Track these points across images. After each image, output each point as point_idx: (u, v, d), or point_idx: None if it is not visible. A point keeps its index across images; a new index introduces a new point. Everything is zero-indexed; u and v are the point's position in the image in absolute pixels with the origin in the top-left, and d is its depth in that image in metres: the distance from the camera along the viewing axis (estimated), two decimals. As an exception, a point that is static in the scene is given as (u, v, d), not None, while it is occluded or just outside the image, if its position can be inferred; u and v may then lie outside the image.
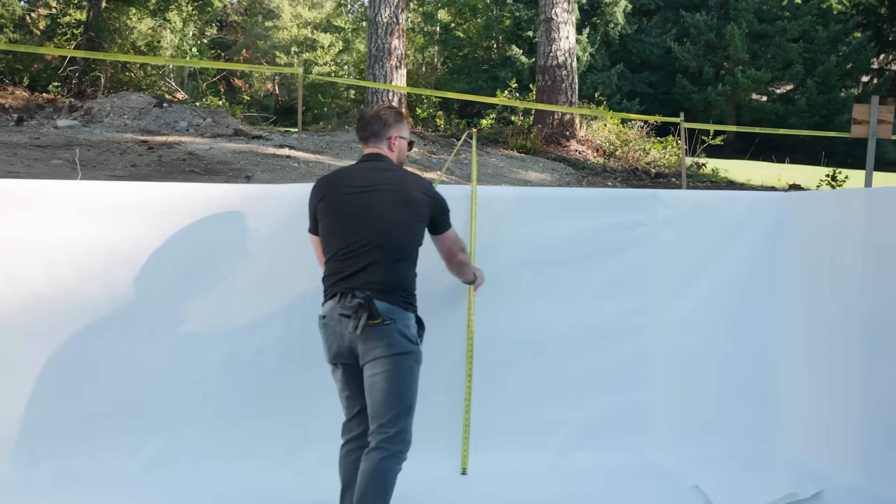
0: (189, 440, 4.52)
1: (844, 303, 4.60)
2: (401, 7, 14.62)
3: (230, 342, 4.54)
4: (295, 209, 4.42)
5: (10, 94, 13.61)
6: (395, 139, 3.87)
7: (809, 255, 4.87)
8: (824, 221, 4.78)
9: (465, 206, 4.77)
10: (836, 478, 4.54)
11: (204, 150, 9.85)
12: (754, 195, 5.09)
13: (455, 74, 36.59)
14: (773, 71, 34.04)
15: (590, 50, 34.98)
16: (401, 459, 3.56)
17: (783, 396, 5.02)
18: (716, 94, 33.62)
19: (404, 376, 3.54)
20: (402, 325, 3.53)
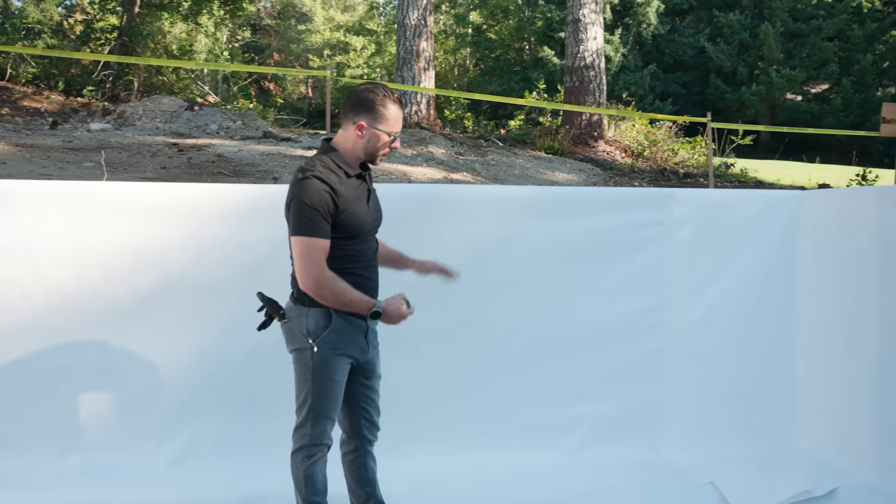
0: (212, 435, 4.61)
1: (860, 300, 4.61)
2: (429, 9, 14.71)
3: (252, 339, 4.61)
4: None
5: (45, 98, 13.88)
6: (361, 127, 3.40)
7: (826, 252, 4.89)
8: (839, 219, 4.79)
9: (481, 208, 4.84)
10: (852, 475, 4.55)
11: (233, 152, 9.99)
12: (771, 193, 5.11)
13: (487, 76, 36.67)
14: (808, 70, 33.77)
15: (622, 50, 34.91)
16: (302, 455, 3.56)
17: (801, 394, 5.04)
18: (750, 94, 33.40)
19: (300, 371, 3.52)
20: (297, 321, 3.46)
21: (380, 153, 3.46)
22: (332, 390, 3.48)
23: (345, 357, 3.47)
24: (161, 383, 4.58)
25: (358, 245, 3.46)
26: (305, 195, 3.27)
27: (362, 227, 3.45)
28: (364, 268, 3.51)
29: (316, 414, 3.49)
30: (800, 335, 5.04)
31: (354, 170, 3.44)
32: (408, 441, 4.71)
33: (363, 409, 3.71)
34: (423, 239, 4.74)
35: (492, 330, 4.89)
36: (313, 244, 3.28)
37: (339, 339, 3.42)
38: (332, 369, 3.46)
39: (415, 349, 4.75)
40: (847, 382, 4.70)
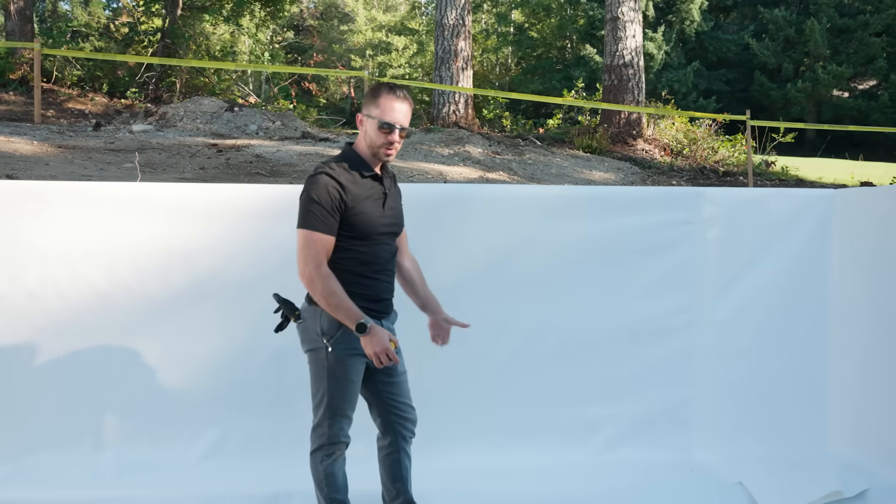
0: (242, 432, 4.68)
1: (891, 301, 4.56)
2: (467, 9, 14.75)
3: (281, 338, 4.67)
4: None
5: (89, 100, 14.12)
6: (360, 119, 3.49)
7: (858, 252, 4.85)
8: (871, 219, 4.75)
9: (508, 208, 4.87)
10: (882, 477, 4.52)
11: (271, 152, 10.10)
12: (802, 192, 5.07)
13: (528, 75, 36.60)
14: (855, 66, 33.28)
15: (665, 48, 34.66)
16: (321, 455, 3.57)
17: (832, 394, 5.01)
18: (795, 91, 32.98)
19: (315, 371, 3.55)
20: (311, 321, 3.49)
21: (378, 144, 3.41)
22: (347, 389, 3.51)
23: (359, 356, 3.46)
24: (192, 381, 4.65)
25: (369, 247, 3.45)
26: (313, 190, 3.32)
27: (373, 229, 3.44)
28: (376, 272, 3.50)
29: (332, 413, 3.51)
30: (830, 335, 5.01)
31: (369, 170, 3.45)
32: (438, 440, 4.74)
33: (391, 405, 3.71)
34: (450, 239, 4.80)
35: (520, 330, 4.90)
36: (313, 238, 3.31)
37: (353, 339, 3.38)
38: (347, 368, 3.48)
39: (445, 349, 4.77)
40: (877, 384, 4.67)
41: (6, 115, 12.08)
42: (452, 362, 4.82)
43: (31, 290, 4.48)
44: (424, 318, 3.95)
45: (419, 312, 3.93)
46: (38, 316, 4.49)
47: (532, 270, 4.91)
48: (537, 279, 4.87)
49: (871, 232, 4.74)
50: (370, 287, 3.47)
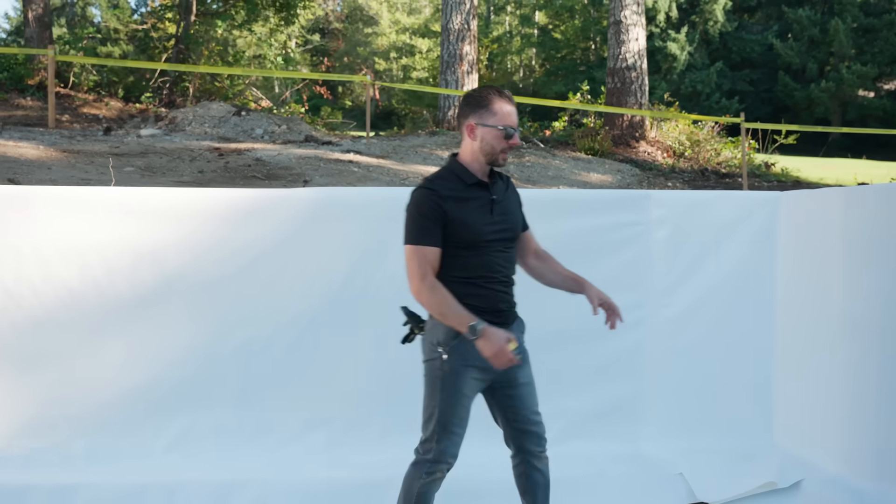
0: (206, 423, 4.91)
1: (829, 298, 4.71)
2: (472, 14, 14.98)
3: (245, 334, 4.93)
4: (309, 213, 4.92)
5: (104, 105, 14.49)
6: (471, 127, 3.41)
7: (798, 252, 5.00)
8: (810, 220, 4.91)
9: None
10: (818, 468, 4.66)
11: (272, 156, 10.36)
12: (749, 194, 5.24)
13: (552, 76, 36.72)
14: (881, 66, 33.07)
15: (688, 48, 34.67)
16: (421, 471, 3.51)
17: (777, 389, 5.16)
18: (819, 91, 32.82)
19: (429, 382, 3.52)
20: (430, 332, 3.47)
21: (498, 151, 3.37)
22: (459, 404, 3.44)
23: (474, 369, 3.39)
24: (159, 374, 4.88)
25: (479, 256, 3.39)
26: (413, 205, 3.33)
27: (479, 237, 3.36)
28: (489, 281, 3.42)
29: (442, 428, 3.46)
30: (775, 333, 5.16)
31: (472, 178, 3.41)
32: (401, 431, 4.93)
33: (512, 419, 3.64)
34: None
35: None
36: (418, 251, 3.28)
37: (469, 350, 3.28)
38: (461, 381, 3.41)
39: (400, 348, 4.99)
40: (816, 379, 4.81)
41: (23, 120, 12.48)
42: (406, 359, 5.02)
43: (7, 288, 4.75)
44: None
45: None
46: (13, 312, 4.75)
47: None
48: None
49: (810, 233, 4.90)
50: (483, 297, 3.41)
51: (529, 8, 39.06)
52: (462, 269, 3.37)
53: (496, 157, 3.38)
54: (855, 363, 4.50)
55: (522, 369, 3.61)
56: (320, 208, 4.99)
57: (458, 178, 3.40)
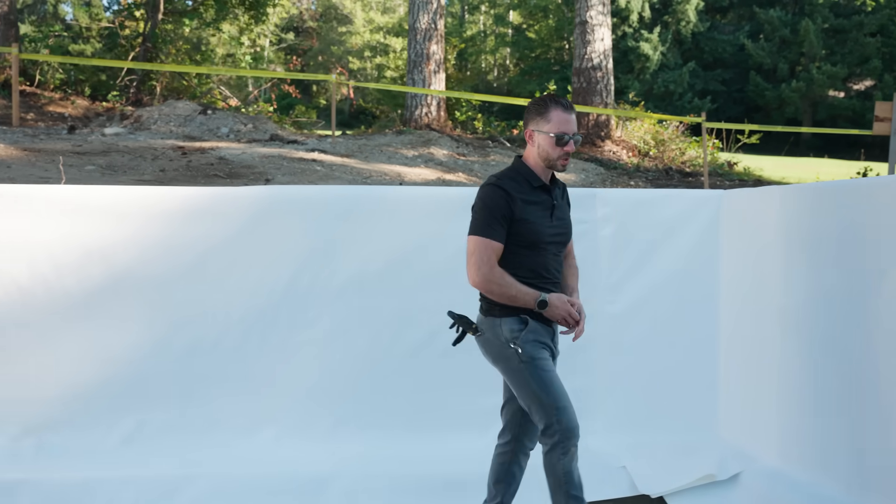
0: (157, 419, 4.94)
1: (768, 294, 4.80)
2: (439, 13, 15.04)
3: (194, 329, 4.97)
4: (256, 211, 4.97)
5: (70, 103, 14.44)
6: (530, 134, 3.61)
7: (741, 249, 5.09)
8: (750, 218, 5.00)
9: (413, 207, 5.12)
10: (758, 461, 4.75)
11: (235, 155, 10.38)
12: (692, 193, 5.32)
13: (526, 76, 36.82)
14: (850, 66, 33.41)
15: (661, 49, 34.89)
16: (557, 454, 3.57)
17: (721, 384, 5.25)
18: (790, 91, 33.14)
19: (514, 377, 3.62)
20: (491, 332, 3.64)
21: (555, 157, 3.55)
22: (554, 380, 3.56)
23: (545, 349, 3.60)
24: (110, 371, 4.91)
25: (534, 256, 3.57)
26: (483, 199, 3.52)
27: (540, 238, 3.55)
28: (543, 280, 3.60)
29: (555, 409, 3.52)
30: (719, 328, 5.24)
31: (538, 181, 3.59)
32: (344, 426, 5.03)
33: (523, 410, 3.77)
34: (357, 237, 5.06)
35: (424, 323, 5.12)
36: (484, 243, 3.48)
37: (535, 335, 3.55)
38: (542, 362, 3.56)
39: (352, 341, 5.06)
40: (758, 373, 4.90)
41: (-14, 118, 12.43)
42: (359, 353, 5.08)
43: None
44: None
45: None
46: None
47: (435, 267, 5.14)
48: (440, 275, 5.10)
49: (750, 231, 4.99)
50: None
51: (503, 7, 39.15)
52: (519, 266, 3.54)
53: (554, 163, 3.57)
54: (791, 358, 4.58)
55: (554, 363, 3.75)
56: (268, 206, 5.04)
57: (525, 179, 3.58)
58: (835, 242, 4.21)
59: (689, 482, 4.64)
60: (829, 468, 4.29)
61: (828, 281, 4.26)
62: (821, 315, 4.33)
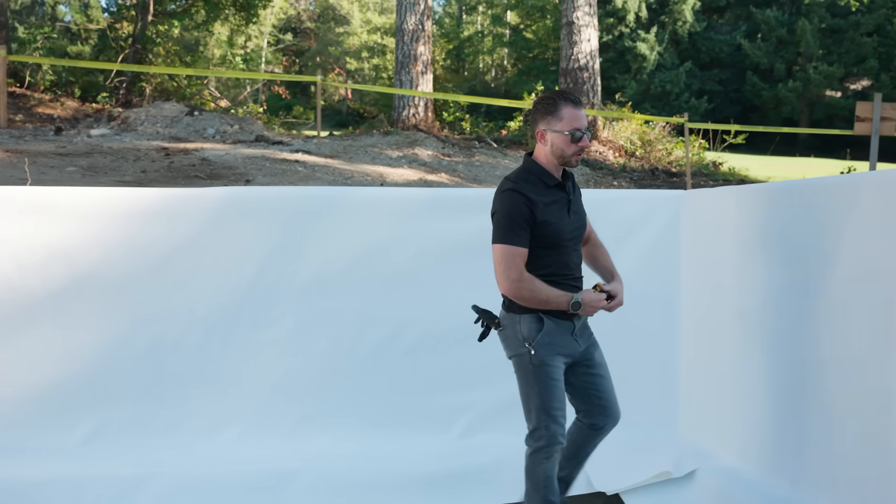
0: (120, 418, 4.98)
1: (724, 294, 4.84)
2: (426, 14, 15.08)
3: (155, 329, 5.00)
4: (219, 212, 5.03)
5: (59, 104, 14.50)
6: (542, 133, 3.58)
7: (700, 249, 5.13)
8: (708, 218, 5.04)
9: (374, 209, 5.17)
10: (714, 459, 4.79)
11: (219, 156, 10.43)
12: (653, 193, 5.37)
13: (524, 76, 36.85)
14: (847, 66, 33.41)
15: (658, 49, 34.92)
16: (540, 457, 3.72)
17: (682, 383, 5.29)
18: (786, 91, 33.15)
19: (522, 375, 3.72)
20: (511, 328, 3.70)
21: (570, 154, 3.54)
22: (556, 389, 3.64)
23: (559, 357, 3.64)
24: (73, 370, 4.94)
25: (557, 255, 3.60)
26: (504, 206, 3.51)
27: (561, 237, 3.58)
28: (565, 277, 3.64)
29: (546, 414, 3.64)
30: (680, 327, 5.28)
31: (553, 180, 3.58)
32: (307, 425, 5.07)
33: (595, 395, 3.89)
34: (322, 237, 5.10)
35: (386, 322, 5.17)
36: (510, 251, 3.48)
37: (552, 341, 3.60)
38: (551, 369, 3.62)
39: (315, 341, 5.11)
40: (716, 372, 4.95)
41: (-25, 119, 12.46)
42: (321, 352, 5.12)
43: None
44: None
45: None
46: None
47: (398, 267, 5.18)
48: (403, 275, 5.15)
49: (708, 231, 5.03)
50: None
51: (501, 8, 39.18)
52: (543, 267, 3.57)
53: (568, 160, 3.57)
54: (746, 358, 4.62)
55: (597, 351, 3.91)
56: (231, 207, 5.08)
57: (539, 179, 3.57)
58: (784, 243, 4.26)
59: (645, 479, 4.68)
60: (781, 467, 4.33)
61: (778, 281, 4.30)
62: (773, 315, 4.37)
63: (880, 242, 3.62)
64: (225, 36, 18.62)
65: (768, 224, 4.44)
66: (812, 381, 4.08)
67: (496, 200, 3.58)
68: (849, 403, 3.82)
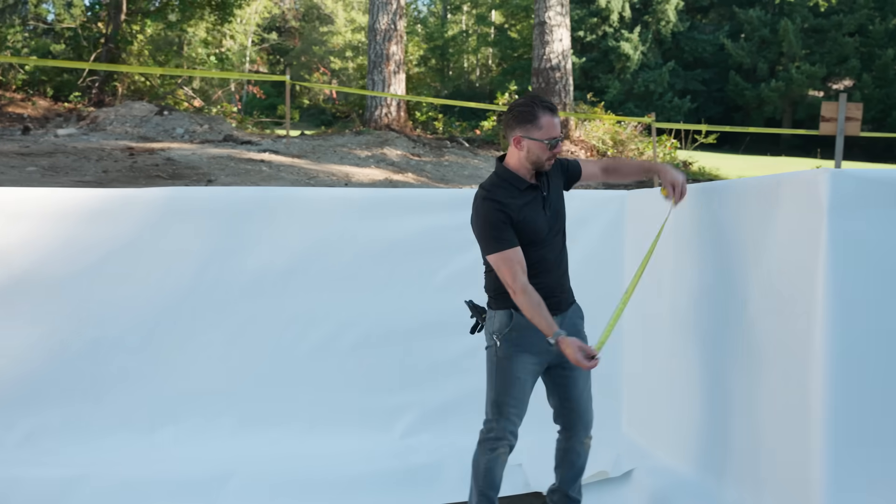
0: (57, 419, 4.96)
1: (662, 293, 4.85)
2: (399, 14, 15.08)
3: (94, 330, 4.98)
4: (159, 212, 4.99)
5: (30, 104, 14.43)
6: (518, 140, 3.60)
7: (642, 248, 5.13)
8: (647, 219, 5.04)
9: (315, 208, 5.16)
10: (652, 458, 4.81)
11: (185, 155, 10.40)
12: (597, 193, 5.37)
13: (508, 75, 36.88)
14: (829, 66, 33.55)
15: (641, 48, 35.02)
16: (485, 448, 3.84)
17: (625, 383, 5.31)
18: (769, 91, 33.29)
19: (488, 366, 3.83)
20: (488, 322, 3.80)
21: (545, 159, 3.60)
22: (514, 386, 3.73)
23: (527, 354, 3.70)
24: (8, 371, 4.91)
25: (537, 250, 3.65)
26: (483, 217, 3.60)
27: (539, 233, 3.63)
28: (546, 272, 3.71)
29: (498, 408, 3.77)
30: (622, 327, 5.28)
31: (525, 184, 3.63)
32: (248, 427, 5.06)
33: (565, 398, 3.95)
34: (263, 237, 5.09)
35: (328, 321, 5.15)
36: (503, 256, 3.54)
37: (520, 337, 3.67)
38: (513, 365, 3.71)
39: (255, 341, 5.09)
40: (655, 372, 4.97)
41: (-57, 119, 12.43)
42: (261, 353, 5.11)
43: None
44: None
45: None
46: None
47: (341, 266, 5.16)
48: (345, 274, 5.13)
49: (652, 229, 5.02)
50: (542, 287, 3.62)
51: (485, 7, 39.18)
52: (528, 263, 3.60)
53: (543, 164, 3.63)
54: (680, 356, 4.64)
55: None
56: (170, 208, 5.05)
57: (511, 185, 3.63)
58: (714, 242, 4.28)
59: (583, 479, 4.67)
60: (711, 465, 4.36)
61: (708, 280, 4.33)
62: (703, 315, 4.39)
63: (798, 240, 3.64)
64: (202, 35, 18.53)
65: (701, 224, 4.45)
66: (738, 381, 4.10)
67: (474, 211, 3.67)
68: (770, 402, 3.84)
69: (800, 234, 3.64)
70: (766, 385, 3.88)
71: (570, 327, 3.85)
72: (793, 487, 3.69)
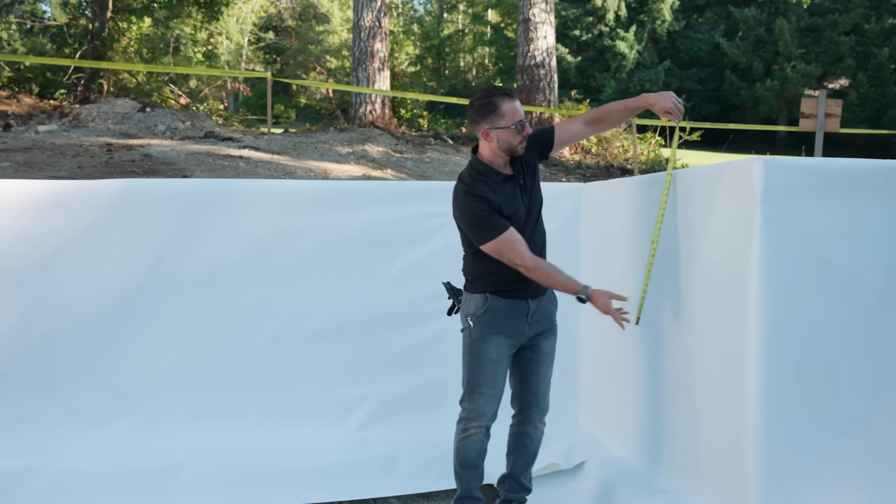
0: (10, 409, 4.95)
1: (614, 286, 4.80)
2: (383, 11, 15.07)
3: (48, 322, 4.98)
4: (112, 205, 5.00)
5: (15, 101, 14.43)
6: (486, 132, 3.65)
7: (596, 241, 5.13)
8: (600, 210, 5.05)
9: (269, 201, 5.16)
10: (603, 450, 4.81)
11: (163, 152, 10.39)
12: (553, 185, 5.36)
13: (504, 74, 36.91)
14: (825, 65, 33.49)
15: (637, 47, 34.99)
16: (459, 428, 3.92)
17: (581, 375, 5.31)
18: (765, 90, 33.23)
19: (464, 349, 3.89)
20: (464, 305, 3.86)
21: (516, 144, 3.64)
22: (486, 367, 3.78)
23: (500, 336, 3.77)
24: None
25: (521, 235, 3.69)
26: (468, 211, 3.65)
27: (519, 220, 3.69)
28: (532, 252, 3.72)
29: (471, 389, 3.83)
30: (579, 320, 5.27)
31: (500, 175, 3.68)
32: (201, 419, 5.06)
33: (525, 382, 3.98)
34: (214, 230, 5.08)
35: (281, 314, 5.15)
36: (502, 241, 3.59)
37: (493, 320, 3.74)
38: (486, 347, 3.76)
39: (209, 333, 5.09)
40: (607, 365, 4.97)
41: (-75, 116, 12.43)
42: (215, 345, 5.11)
43: None
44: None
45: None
46: None
47: (293, 259, 5.16)
48: (298, 267, 5.13)
49: (605, 221, 5.03)
50: (515, 273, 3.68)
51: (481, 6, 39.18)
52: None
53: (515, 149, 3.67)
54: (629, 349, 4.65)
55: (548, 339, 3.99)
56: (124, 200, 5.05)
57: (489, 176, 3.68)
58: (662, 233, 4.25)
59: (534, 471, 4.66)
60: (657, 457, 4.37)
61: (655, 272, 4.30)
62: (650, 307, 4.37)
63: (733, 229, 3.64)
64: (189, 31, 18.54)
65: (649, 215, 4.44)
66: (680, 373, 4.11)
67: (455, 205, 3.74)
68: (709, 393, 3.84)
69: (735, 223, 3.64)
70: (704, 377, 3.89)
71: (543, 312, 3.91)
72: (729, 477, 3.69)
